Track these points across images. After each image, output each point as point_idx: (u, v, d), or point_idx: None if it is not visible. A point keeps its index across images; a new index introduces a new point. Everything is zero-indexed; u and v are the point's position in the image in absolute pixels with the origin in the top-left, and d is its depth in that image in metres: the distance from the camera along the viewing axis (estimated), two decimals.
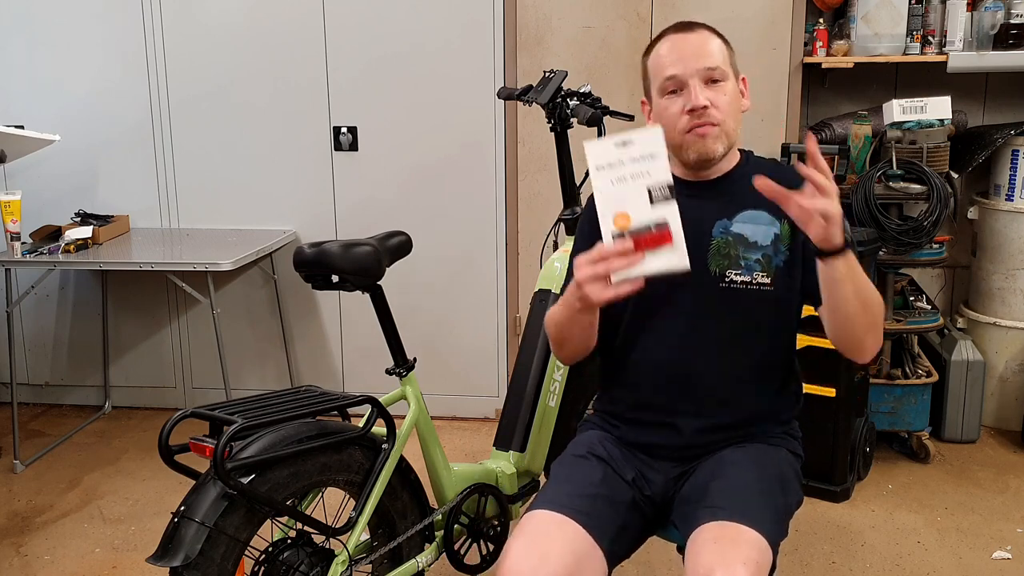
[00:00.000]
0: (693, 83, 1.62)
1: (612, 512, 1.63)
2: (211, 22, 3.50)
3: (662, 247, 1.44)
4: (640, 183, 1.45)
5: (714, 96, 1.62)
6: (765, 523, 1.52)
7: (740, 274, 1.65)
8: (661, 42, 1.68)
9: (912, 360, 3.22)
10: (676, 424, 1.70)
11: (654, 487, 1.71)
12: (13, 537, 2.82)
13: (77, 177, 3.66)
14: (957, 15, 3.22)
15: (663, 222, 1.44)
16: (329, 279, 2.05)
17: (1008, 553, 2.62)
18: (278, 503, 1.77)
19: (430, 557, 2.13)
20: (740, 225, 1.67)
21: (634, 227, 1.44)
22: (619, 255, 1.44)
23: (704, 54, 1.63)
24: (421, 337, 3.50)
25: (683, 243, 1.43)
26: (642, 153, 1.45)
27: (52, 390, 3.90)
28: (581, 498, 1.61)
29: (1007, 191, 3.31)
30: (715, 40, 1.67)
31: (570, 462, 1.72)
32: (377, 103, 3.47)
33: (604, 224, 1.46)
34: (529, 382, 2.34)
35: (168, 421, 1.76)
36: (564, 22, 3.40)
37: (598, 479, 1.66)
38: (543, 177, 3.48)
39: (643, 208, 1.44)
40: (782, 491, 1.65)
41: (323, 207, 3.59)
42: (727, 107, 1.64)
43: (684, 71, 1.62)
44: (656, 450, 1.73)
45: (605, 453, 1.72)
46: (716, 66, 1.63)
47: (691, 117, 1.62)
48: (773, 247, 1.66)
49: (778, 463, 1.69)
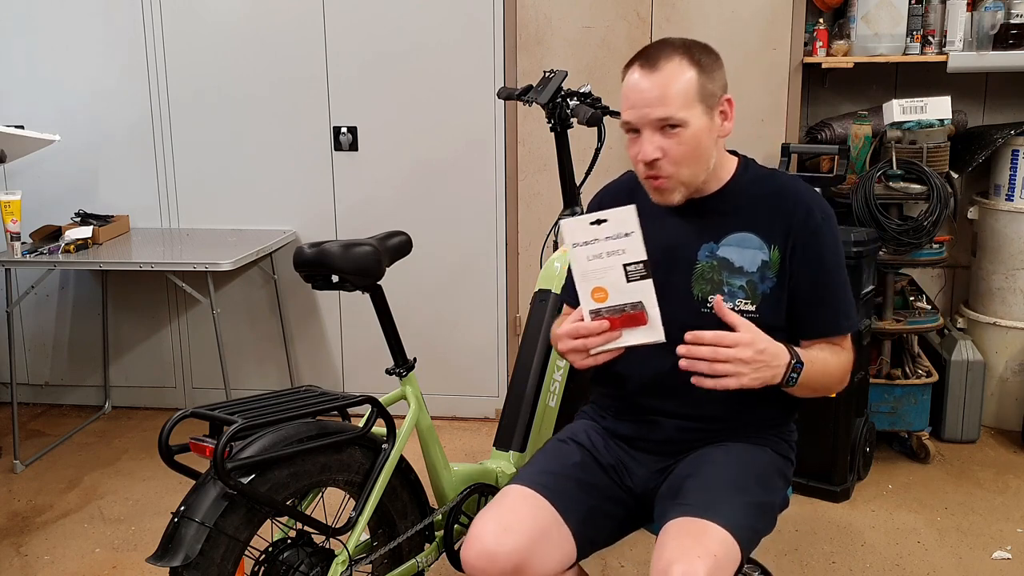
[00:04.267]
0: (645, 134, 1.59)
1: (583, 494, 1.66)
2: (211, 22, 3.50)
3: (638, 326, 1.51)
4: (616, 260, 1.50)
5: (668, 145, 1.58)
6: (733, 519, 1.52)
7: (723, 300, 1.62)
8: (629, 72, 1.63)
9: (912, 360, 3.22)
10: (658, 420, 1.72)
11: (635, 479, 1.73)
12: (13, 537, 2.82)
13: (77, 177, 3.66)
14: (957, 15, 3.22)
15: (638, 303, 1.50)
16: (329, 279, 2.05)
17: (1008, 553, 2.62)
18: (278, 503, 1.77)
19: (430, 557, 2.13)
20: (727, 249, 1.65)
21: (611, 304, 1.51)
22: (596, 333, 1.52)
23: (661, 101, 1.56)
24: (421, 337, 3.50)
25: (659, 319, 1.50)
26: (617, 231, 1.49)
27: (52, 390, 3.90)
28: (552, 475, 1.66)
29: (1007, 191, 3.31)
30: (682, 77, 1.57)
31: (551, 446, 1.79)
32: (377, 103, 3.47)
33: (583, 298, 1.53)
34: (529, 382, 2.34)
35: (168, 421, 1.76)
36: (564, 22, 3.40)
37: (573, 462, 1.71)
38: (543, 177, 3.48)
39: (619, 285, 1.50)
40: (760, 489, 1.64)
41: (323, 207, 3.59)
42: (683, 156, 1.58)
43: (637, 120, 1.59)
44: (637, 442, 1.75)
45: (587, 440, 1.76)
46: (669, 116, 1.56)
47: (645, 167, 1.61)
48: (760, 273, 1.64)
49: (759, 461, 1.69)
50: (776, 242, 1.64)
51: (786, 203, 1.65)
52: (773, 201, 1.66)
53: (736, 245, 1.65)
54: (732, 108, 1.66)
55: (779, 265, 1.64)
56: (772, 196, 1.67)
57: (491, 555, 1.53)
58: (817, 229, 1.63)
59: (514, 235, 3.56)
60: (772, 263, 1.64)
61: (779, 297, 1.64)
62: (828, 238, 1.65)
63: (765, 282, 1.64)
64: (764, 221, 1.65)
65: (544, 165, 3.47)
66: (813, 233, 1.63)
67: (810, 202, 1.65)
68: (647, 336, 1.50)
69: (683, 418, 1.70)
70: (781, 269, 1.64)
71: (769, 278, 1.64)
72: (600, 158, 2.50)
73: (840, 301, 1.66)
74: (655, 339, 1.50)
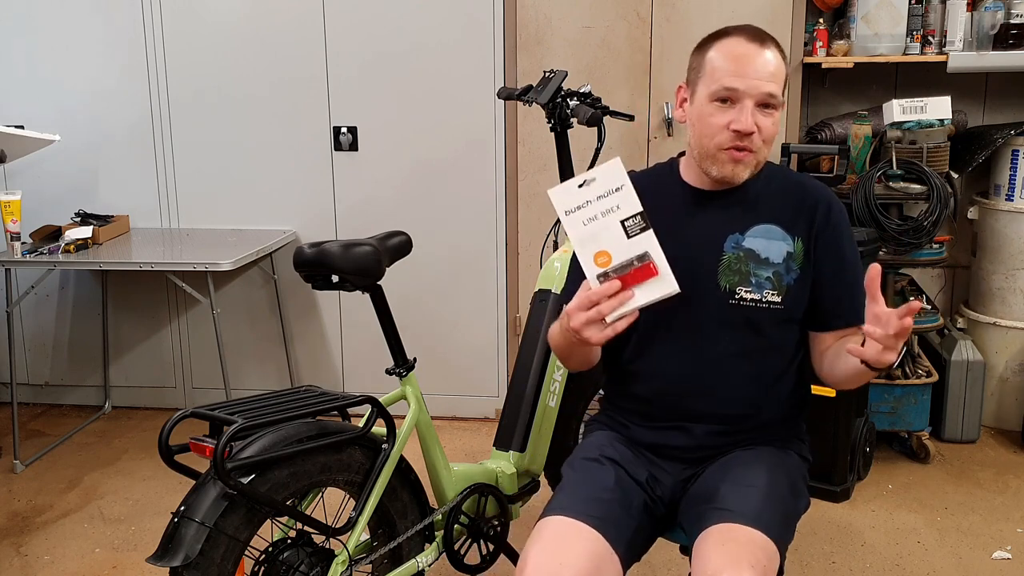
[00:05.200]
0: (748, 104, 1.56)
1: (626, 516, 1.60)
2: (211, 22, 3.50)
3: (649, 279, 1.44)
4: (612, 218, 1.45)
5: (763, 123, 1.57)
6: (774, 527, 1.51)
7: (750, 291, 1.63)
8: (727, 41, 1.58)
9: (912, 360, 3.22)
10: (686, 426, 1.69)
11: (663, 488, 1.70)
12: (13, 537, 2.82)
13: (77, 177, 3.66)
14: (957, 15, 3.22)
15: (644, 254, 1.44)
16: (329, 279, 2.05)
17: (1008, 553, 2.62)
18: (278, 503, 1.77)
19: (430, 557, 2.13)
20: (752, 240, 1.65)
21: (616, 264, 1.45)
22: (608, 296, 1.44)
23: (773, 77, 1.56)
24: (421, 337, 3.50)
25: (668, 269, 1.44)
26: (607, 188, 1.45)
27: (52, 390, 3.90)
28: (596, 502, 1.58)
29: (1007, 191, 3.31)
30: (781, 63, 1.60)
31: (582, 466, 1.69)
32: (377, 103, 3.47)
33: (586, 266, 1.46)
34: (529, 382, 2.34)
35: (168, 421, 1.76)
36: (564, 22, 3.40)
37: (611, 483, 1.63)
38: (543, 177, 3.48)
39: (621, 243, 1.44)
40: (791, 495, 1.64)
41: (323, 207, 3.59)
42: (771, 136, 1.59)
43: (746, 89, 1.55)
44: (665, 451, 1.71)
45: (616, 455, 1.69)
46: (775, 94, 1.57)
47: (733, 136, 1.57)
48: (785, 265, 1.64)
49: (787, 467, 1.68)
50: (799, 234, 1.65)
51: (808, 197, 1.67)
52: (794, 194, 1.67)
53: (762, 236, 1.65)
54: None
55: (803, 257, 1.65)
56: (792, 190, 1.68)
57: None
58: (837, 222, 1.66)
59: (514, 235, 3.56)
60: (796, 255, 1.65)
61: (803, 289, 1.65)
62: (846, 231, 1.68)
63: (790, 273, 1.64)
64: (787, 214, 1.66)
65: (544, 165, 3.47)
66: (834, 226, 1.66)
67: (828, 197, 1.68)
68: (660, 289, 1.44)
69: (711, 421, 1.68)
70: (805, 261, 1.65)
71: (794, 270, 1.65)
72: (600, 158, 2.50)
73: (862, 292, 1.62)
74: (669, 291, 1.44)
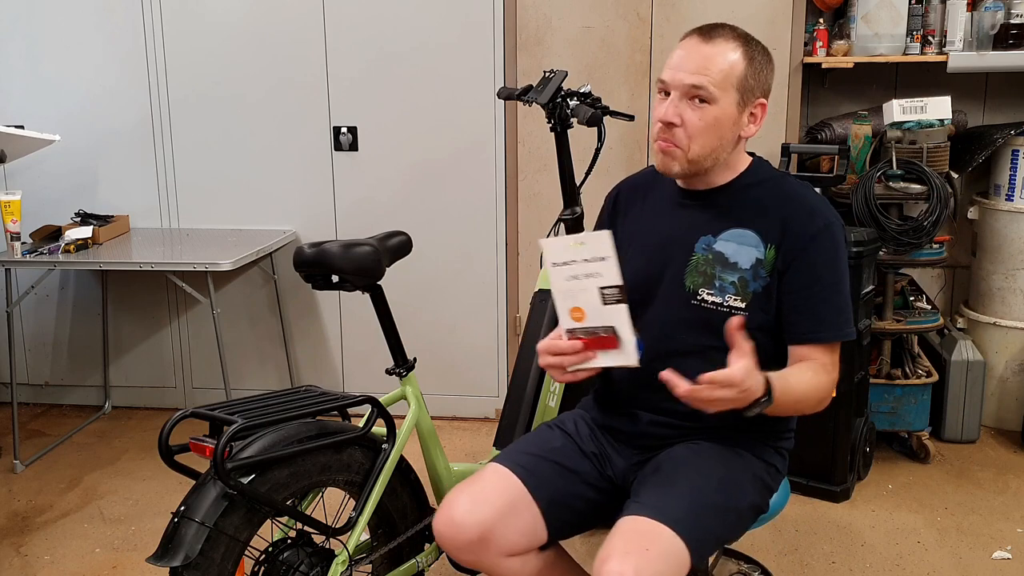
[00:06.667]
0: (674, 96, 1.60)
1: (557, 476, 1.71)
2: (211, 22, 3.49)
3: (611, 349, 1.54)
4: (592, 283, 1.52)
5: (688, 116, 1.59)
6: (685, 523, 1.52)
7: (713, 294, 1.64)
8: (685, 38, 1.65)
9: (912, 360, 3.22)
10: (635, 414, 1.75)
11: (616, 468, 1.77)
12: (13, 537, 2.82)
13: (77, 177, 3.66)
14: (957, 15, 3.22)
15: (610, 327, 1.53)
16: (329, 279, 2.05)
17: (1008, 553, 2.62)
18: (278, 503, 1.77)
19: (430, 557, 2.13)
20: (724, 243, 1.65)
21: (586, 326, 1.55)
22: (572, 353, 1.55)
23: (700, 70, 1.58)
24: (421, 337, 3.49)
25: (631, 343, 1.53)
26: (593, 255, 1.52)
27: (52, 390, 3.90)
28: (527, 456, 1.73)
29: (1007, 191, 3.31)
30: (729, 57, 1.59)
31: (538, 430, 1.87)
32: (377, 103, 3.47)
33: (561, 315, 1.57)
34: (529, 382, 2.34)
35: (168, 421, 1.77)
36: (564, 22, 3.40)
37: (553, 446, 1.76)
38: (543, 177, 3.48)
39: (596, 307, 1.53)
40: (722, 493, 1.62)
41: (323, 207, 3.59)
42: (699, 132, 1.59)
43: (670, 80, 1.61)
44: (619, 434, 1.79)
45: (573, 428, 1.81)
46: (701, 86, 1.57)
47: (661, 128, 1.62)
48: (752, 271, 1.63)
49: (731, 466, 1.67)
50: (772, 242, 1.64)
51: (788, 205, 1.65)
52: (776, 202, 1.66)
53: (733, 240, 1.65)
54: (763, 114, 1.66)
55: (772, 265, 1.63)
56: (776, 197, 1.67)
57: (458, 525, 1.62)
58: (815, 235, 1.62)
59: (514, 235, 3.56)
60: (766, 262, 1.63)
61: (769, 297, 1.64)
62: (825, 246, 1.62)
63: (757, 280, 1.64)
64: (764, 220, 1.65)
65: (544, 165, 3.47)
66: (810, 238, 1.62)
67: (813, 208, 1.64)
68: (621, 360, 1.54)
69: (657, 412, 1.72)
70: (774, 269, 1.63)
71: (762, 276, 1.64)
72: (600, 158, 2.50)
73: (827, 311, 1.63)
74: (628, 363, 1.54)
